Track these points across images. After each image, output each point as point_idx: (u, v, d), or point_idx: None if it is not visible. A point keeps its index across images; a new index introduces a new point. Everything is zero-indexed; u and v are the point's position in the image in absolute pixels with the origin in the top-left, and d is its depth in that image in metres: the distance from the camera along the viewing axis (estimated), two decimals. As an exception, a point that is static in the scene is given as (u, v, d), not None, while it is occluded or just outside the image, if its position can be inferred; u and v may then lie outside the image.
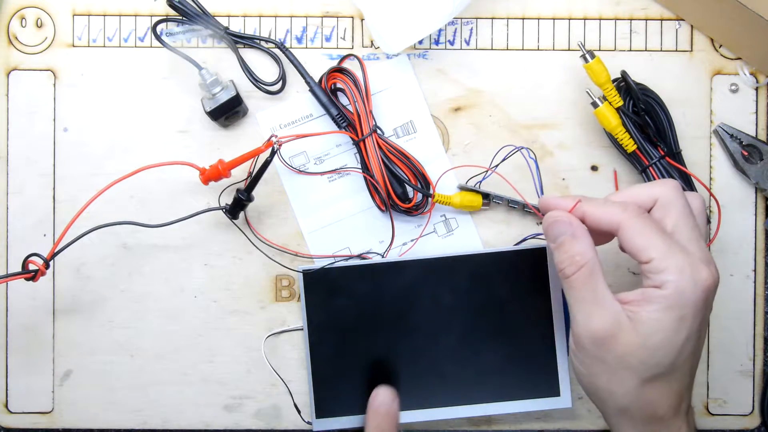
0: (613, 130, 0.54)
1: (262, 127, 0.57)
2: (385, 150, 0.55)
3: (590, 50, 0.54)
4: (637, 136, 0.54)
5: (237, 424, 0.57)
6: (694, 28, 0.57)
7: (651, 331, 0.40)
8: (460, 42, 0.57)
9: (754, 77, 0.57)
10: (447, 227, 0.57)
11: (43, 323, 0.57)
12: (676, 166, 0.54)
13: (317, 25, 0.57)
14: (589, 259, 0.41)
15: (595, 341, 0.41)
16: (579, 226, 0.42)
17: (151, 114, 0.57)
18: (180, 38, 0.57)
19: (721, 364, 0.57)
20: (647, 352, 0.40)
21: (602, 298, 0.41)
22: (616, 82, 0.54)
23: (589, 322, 0.41)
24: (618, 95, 0.54)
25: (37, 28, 0.57)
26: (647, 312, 0.40)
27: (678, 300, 0.39)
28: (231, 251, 0.57)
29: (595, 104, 0.54)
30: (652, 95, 0.55)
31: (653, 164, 0.54)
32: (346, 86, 0.55)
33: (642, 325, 0.40)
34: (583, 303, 0.41)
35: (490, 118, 0.57)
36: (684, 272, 0.39)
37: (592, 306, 0.41)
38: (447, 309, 0.55)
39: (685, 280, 0.39)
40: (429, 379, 0.55)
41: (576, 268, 0.41)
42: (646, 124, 0.54)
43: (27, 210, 0.57)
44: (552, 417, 0.57)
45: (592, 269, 0.41)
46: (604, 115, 0.54)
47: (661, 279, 0.39)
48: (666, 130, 0.55)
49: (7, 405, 0.57)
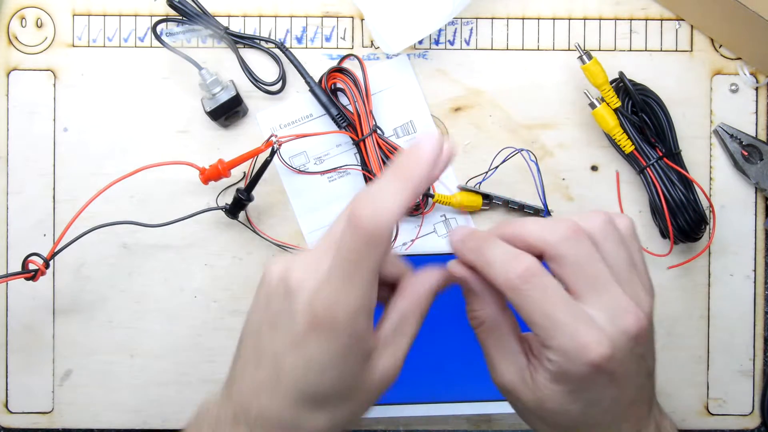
0: (610, 131, 0.54)
1: (262, 127, 0.57)
2: (385, 150, 0.55)
3: (588, 51, 0.54)
4: (635, 136, 0.54)
5: (237, 424, 0.57)
6: (694, 28, 0.57)
7: (544, 396, 0.37)
8: (460, 42, 0.57)
9: (754, 77, 0.57)
10: (447, 227, 0.57)
11: (43, 323, 0.57)
12: (674, 167, 0.54)
13: (317, 25, 0.57)
14: (487, 315, 0.39)
15: (504, 391, 0.40)
16: (475, 283, 0.39)
17: (151, 114, 0.57)
18: (180, 38, 0.57)
19: (721, 364, 0.57)
20: (548, 413, 0.38)
21: (506, 353, 0.39)
22: (614, 83, 0.54)
23: (495, 374, 0.39)
24: (616, 96, 0.54)
25: (37, 28, 0.57)
26: (539, 377, 0.37)
27: (563, 377, 0.36)
28: (231, 251, 0.57)
29: (593, 105, 0.54)
30: (651, 96, 0.55)
31: (651, 165, 0.54)
32: (346, 86, 0.55)
33: (537, 387, 0.37)
34: (488, 356, 0.40)
35: (490, 118, 0.57)
36: (568, 354, 0.35)
37: (496, 360, 0.39)
38: (449, 306, 0.55)
39: (570, 361, 0.35)
40: (429, 375, 0.55)
41: (477, 323, 0.40)
42: (644, 124, 0.54)
43: (27, 210, 0.57)
44: (552, 417, 0.57)
45: (492, 324, 0.39)
46: (601, 116, 0.54)
47: (545, 355, 0.36)
48: (665, 131, 0.54)
49: (7, 405, 0.57)
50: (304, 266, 0.36)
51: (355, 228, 0.34)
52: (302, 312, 0.35)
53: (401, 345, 0.38)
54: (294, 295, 0.35)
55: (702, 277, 0.57)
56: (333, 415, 0.38)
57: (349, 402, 0.37)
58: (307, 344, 0.35)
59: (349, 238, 0.34)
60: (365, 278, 0.35)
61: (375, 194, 0.34)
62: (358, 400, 0.38)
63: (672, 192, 0.53)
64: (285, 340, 0.36)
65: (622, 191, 0.56)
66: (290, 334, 0.36)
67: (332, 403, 0.37)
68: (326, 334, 0.35)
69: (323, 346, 0.35)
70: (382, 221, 0.34)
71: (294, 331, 0.35)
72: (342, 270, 0.35)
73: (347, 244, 0.34)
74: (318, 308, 0.35)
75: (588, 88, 0.55)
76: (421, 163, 0.35)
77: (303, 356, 0.36)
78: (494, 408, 0.55)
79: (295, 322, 0.35)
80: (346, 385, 0.37)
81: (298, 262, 0.36)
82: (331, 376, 0.36)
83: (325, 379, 0.36)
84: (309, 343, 0.35)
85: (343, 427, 0.39)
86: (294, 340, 0.36)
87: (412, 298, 0.39)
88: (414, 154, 0.35)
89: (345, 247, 0.34)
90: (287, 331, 0.36)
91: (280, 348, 0.36)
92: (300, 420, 0.37)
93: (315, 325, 0.35)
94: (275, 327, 0.36)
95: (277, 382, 0.37)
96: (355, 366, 0.36)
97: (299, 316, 0.35)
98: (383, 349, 0.38)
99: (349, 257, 0.34)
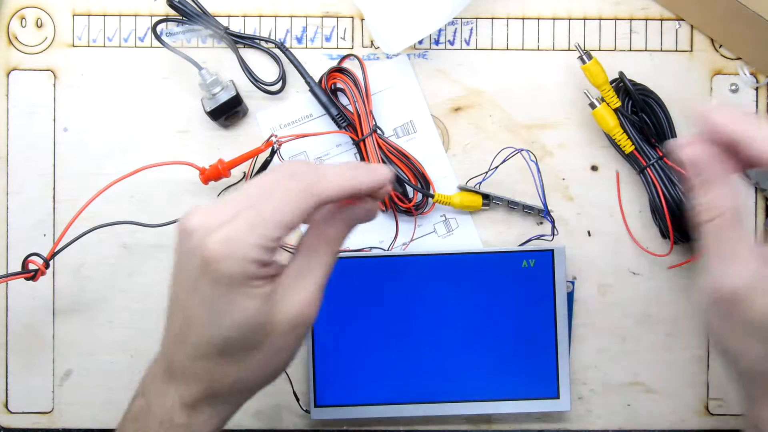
0: (610, 131, 0.54)
1: (262, 127, 0.57)
2: (385, 150, 0.55)
3: (588, 51, 0.54)
4: (635, 136, 0.54)
5: (237, 424, 0.57)
6: (694, 28, 0.57)
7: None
8: (460, 42, 0.57)
9: (754, 77, 0.57)
10: (447, 227, 0.57)
11: (43, 323, 0.57)
12: (674, 167, 0.54)
13: (317, 25, 0.57)
14: (728, 209, 0.36)
15: (724, 299, 0.35)
16: (722, 169, 0.36)
17: (151, 114, 0.57)
18: (180, 38, 0.57)
19: (721, 364, 0.57)
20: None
21: (739, 253, 0.35)
22: (614, 83, 0.54)
23: (719, 278, 0.36)
24: (616, 96, 0.54)
25: (37, 28, 0.57)
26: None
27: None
28: (231, 251, 0.57)
29: (593, 105, 0.54)
30: (652, 96, 0.55)
31: (651, 165, 0.54)
32: (346, 86, 0.55)
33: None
34: (716, 255, 0.36)
35: (490, 118, 0.57)
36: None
37: (725, 260, 0.35)
38: (450, 305, 0.55)
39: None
40: (429, 374, 0.55)
41: (712, 216, 0.36)
42: (644, 124, 0.54)
43: (27, 210, 0.57)
44: (552, 417, 0.57)
45: (735, 216, 0.36)
46: (601, 116, 0.54)
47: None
48: (665, 131, 0.54)
49: (7, 405, 0.57)
50: (208, 209, 0.35)
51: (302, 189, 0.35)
52: (194, 251, 0.34)
53: (310, 281, 0.37)
54: (190, 235, 0.35)
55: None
56: (246, 363, 0.37)
57: (260, 349, 0.36)
58: (201, 287, 0.34)
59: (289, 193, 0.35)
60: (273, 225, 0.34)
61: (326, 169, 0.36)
62: (270, 346, 0.37)
63: (672, 192, 0.53)
64: (185, 285, 0.35)
65: (621, 191, 0.56)
66: (188, 279, 0.35)
67: (241, 351, 0.36)
68: (215, 274, 0.34)
69: (215, 288, 0.34)
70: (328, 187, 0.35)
71: (190, 274, 0.35)
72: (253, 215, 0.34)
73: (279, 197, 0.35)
74: (209, 246, 0.34)
75: (588, 88, 0.55)
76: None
77: (201, 301, 0.35)
78: (494, 408, 0.55)
79: (190, 263, 0.35)
80: (247, 330, 0.35)
81: (204, 207, 0.35)
82: (227, 322, 0.35)
83: (222, 325, 0.35)
84: (202, 285, 0.34)
85: (263, 377, 0.38)
86: (190, 284, 0.35)
87: (316, 231, 0.38)
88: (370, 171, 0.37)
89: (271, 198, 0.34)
90: (186, 275, 0.35)
91: (183, 295, 0.36)
92: (213, 372, 0.37)
93: (205, 265, 0.34)
94: (180, 273, 0.36)
95: (186, 334, 0.36)
96: (254, 309, 0.35)
97: (192, 256, 0.34)
98: (289, 288, 0.37)
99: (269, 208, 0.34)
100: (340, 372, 0.55)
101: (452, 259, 0.55)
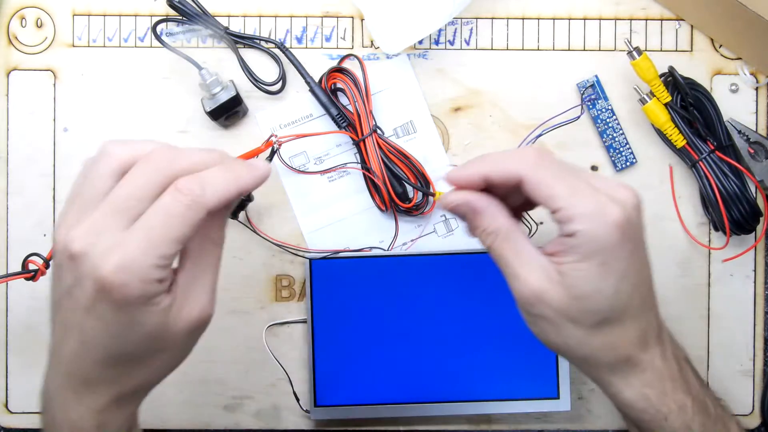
0: (662, 126, 0.54)
1: (262, 127, 0.57)
2: (385, 150, 0.55)
3: (637, 47, 0.54)
4: (686, 130, 0.54)
5: (237, 424, 0.57)
6: (694, 28, 0.57)
7: (576, 282, 0.38)
8: (460, 42, 0.57)
9: (754, 77, 0.57)
10: (447, 227, 0.57)
11: (43, 323, 0.57)
12: (726, 160, 0.54)
13: (317, 25, 0.57)
14: (499, 226, 0.39)
15: (531, 300, 0.39)
16: (477, 200, 0.40)
17: (151, 114, 0.57)
18: (180, 38, 0.57)
19: (721, 364, 0.57)
20: (580, 302, 0.38)
21: (527, 257, 0.39)
22: (663, 77, 0.54)
23: (520, 283, 0.39)
24: (666, 91, 0.54)
25: (37, 28, 0.57)
26: (568, 263, 0.38)
27: (593, 247, 0.37)
28: (231, 251, 0.57)
29: (644, 101, 0.54)
30: (700, 89, 0.55)
31: (703, 158, 0.54)
32: (346, 86, 0.55)
33: (566, 277, 0.38)
34: (509, 266, 0.39)
35: (490, 118, 0.57)
36: (593, 218, 0.37)
37: (518, 267, 0.39)
38: (450, 305, 0.55)
39: (595, 225, 0.37)
40: (429, 374, 0.55)
41: (492, 237, 0.40)
42: (694, 118, 0.54)
43: (27, 210, 0.57)
44: (552, 417, 0.57)
45: (506, 233, 0.39)
46: (652, 111, 0.54)
47: (572, 228, 0.37)
48: (714, 124, 0.54)
49: (7, 405, 0.57)
50: (85, 231, 0.35)
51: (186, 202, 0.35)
52: (87, 277, 0.35)
53: (206, 285, 0.39)
54: (79, 260, 0.35)
55: (702, 277, 0.57)
56: (149, 368, 0.39)
57: (162, 354, 0.38)
58: (98, 310, 0.35)
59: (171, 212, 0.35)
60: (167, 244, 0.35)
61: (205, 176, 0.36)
62: (172, 350, 0.39)
63: (726, 184, 0.54)
64: (79, 306, 0.36)
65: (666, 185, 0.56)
66: (81, 301, 0.36)
67: (143, 359, 0.38)
68: (115, 299, 0.35)
69: (115, 313, 0.35)
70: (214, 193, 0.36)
71: (85, 297, 0.35)
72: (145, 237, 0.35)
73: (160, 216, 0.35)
74: (104, 274, 0.34)
75: (638, 84, 0.54)
76: None
77: (100, 323, 0.36)
78: (494, 408, 0.55)
79: (84, 288, 0.35)
80: (150, 341, 0.37)
81: (78, 229, 0.36)
82: (131, 337, 0.36)
83: (126, 341, 0.36)
84: (100, 308, 0.35)
85: (166, 374, 0.40)
86: (84, 306, 0.36)
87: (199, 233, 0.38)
88: None
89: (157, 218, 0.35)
90: (78, 299, 0.36)
91: (77, 316, 0.36)
92: (117, 379, 0.38)
93: (103, 292, 0.35)
94: (70, 296, 0.36)
95: (86, 350, 0.37)
96: (156, 324, 0.36)
97: (86, 282, 0.35)
98: (187, 296, 0.38)
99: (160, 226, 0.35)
100: (340, 372, 0.55)
101: (452, 259, 0.55)
